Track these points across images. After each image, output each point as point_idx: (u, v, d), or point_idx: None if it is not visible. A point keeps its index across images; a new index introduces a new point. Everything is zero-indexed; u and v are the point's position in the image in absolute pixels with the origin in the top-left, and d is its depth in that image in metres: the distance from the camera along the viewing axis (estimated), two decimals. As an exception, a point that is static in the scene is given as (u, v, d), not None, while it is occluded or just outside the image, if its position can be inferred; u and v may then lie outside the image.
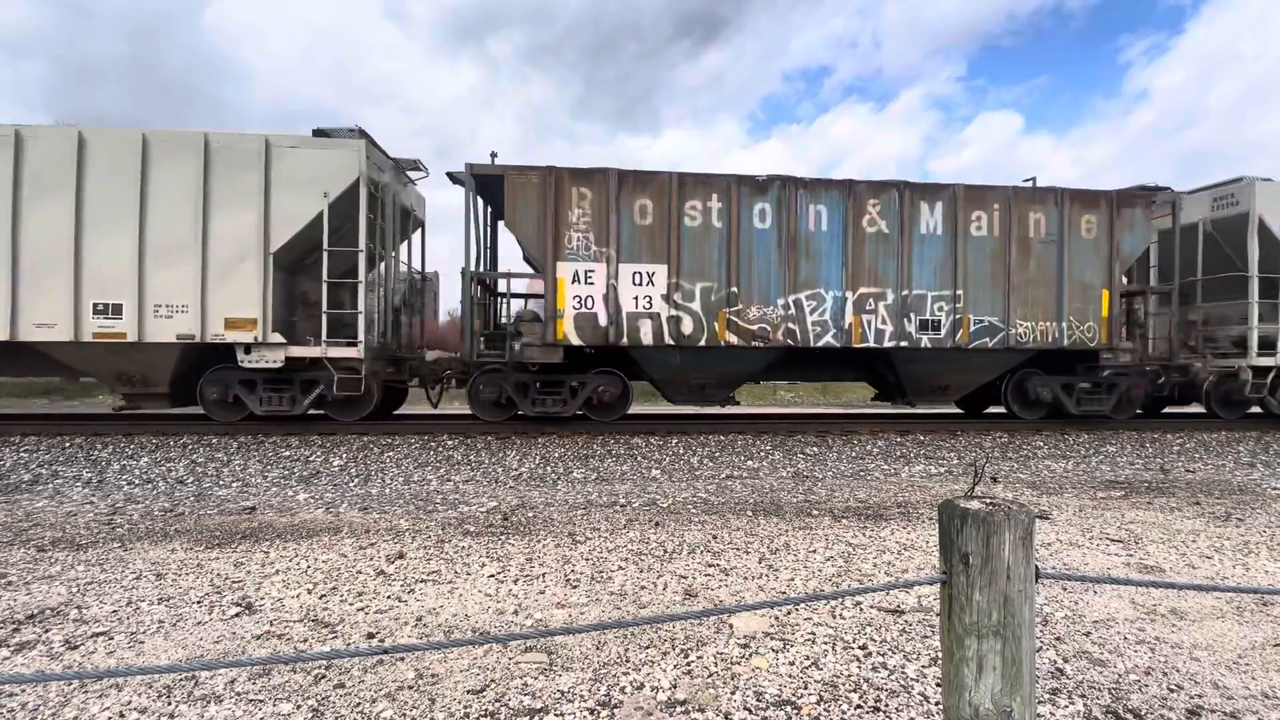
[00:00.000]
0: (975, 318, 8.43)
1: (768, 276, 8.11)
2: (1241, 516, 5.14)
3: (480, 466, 7.02)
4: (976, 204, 8.39)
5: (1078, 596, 3.32)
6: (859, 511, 5.21)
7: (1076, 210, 8.58)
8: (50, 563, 3.83)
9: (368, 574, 3.61)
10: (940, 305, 8.36)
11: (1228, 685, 2.44)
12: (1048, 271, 8.53)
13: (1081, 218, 8.60)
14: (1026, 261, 8.50)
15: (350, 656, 2.01)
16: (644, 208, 7.89)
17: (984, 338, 8.43)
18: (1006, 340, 8.43)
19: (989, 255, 8.43)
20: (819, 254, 8.19)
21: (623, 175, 7.84)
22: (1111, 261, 8.61)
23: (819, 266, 8.19)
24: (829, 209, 8.18)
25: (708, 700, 2.26)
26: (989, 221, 8.43)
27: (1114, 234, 8.60)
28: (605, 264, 7.83)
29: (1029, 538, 1.39)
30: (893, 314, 8.26)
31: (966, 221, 8.38)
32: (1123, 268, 8.73)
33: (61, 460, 6.86)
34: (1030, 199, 8.50)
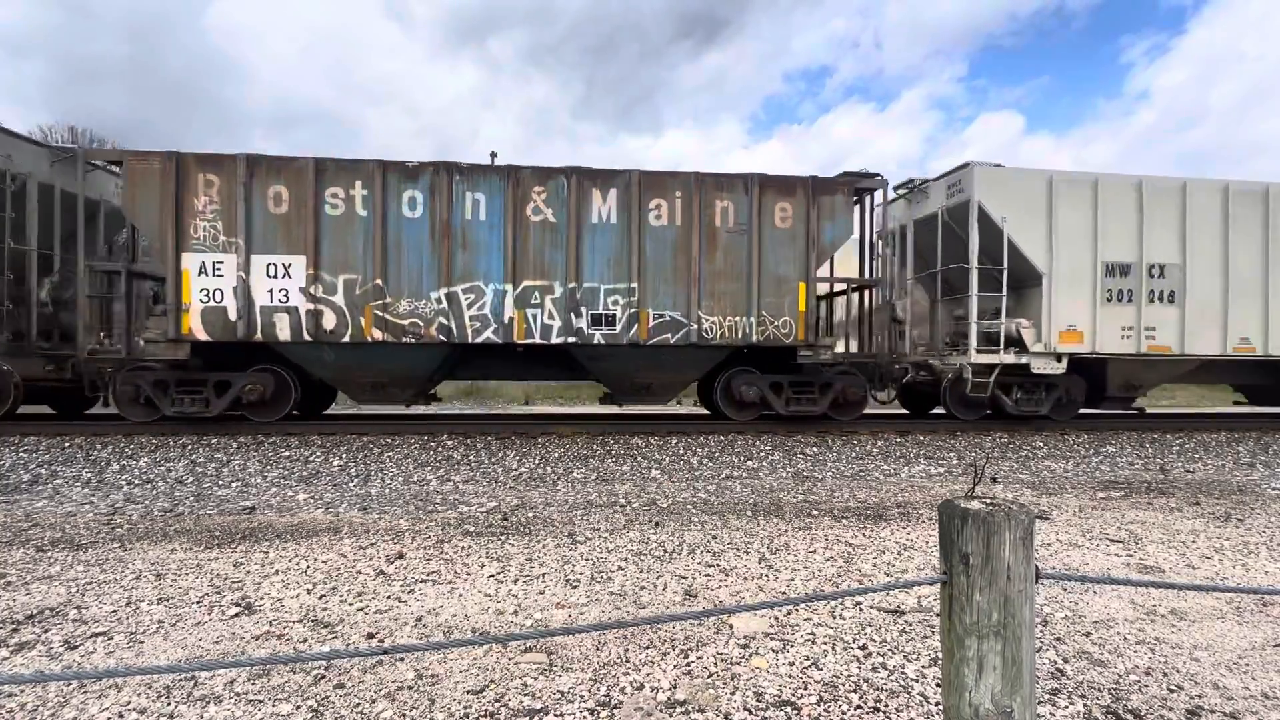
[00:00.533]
0: (655, 312, 7.92)
1: (420, 269, 7.61)
2: (1241, 517, 5.14)
3: (480, 466, 7.02)
4: (655, 191, 7.88)
5: (1078, 597, 3.32)
6: (859, 512, 5.21)
7: (770, 198, 8.05)
8: (50, 563, 3.83)
9: (367, 574, 3.60)
10: (615, 299, 7.86)
11: (1228, 686, 2.44)
12: (738, 263, 8.02)
13: (775, 206, 8.06)
14: (714, 252, 8.00)
15: (350, 657, 2.01)
16: (279, 195, 7.39)
17: (665, 334, 7.93)
18: (690, 336, 7.93)
19: (670, 246, 7.91)
20: (478, 245, 7.68)
21: (253, 161, 7.37)
22: (809, 253, 8.10)
23: (478, 258, 7.69)
24: (489, 197, 7.67)
25: (708, 701, 2.26)
26: (670, 210, 7.92)
27: (811, 223, 8.09)
28: (235, 255, 7.34)
29: (1029, 538, 1.39)
30: (561, 308, 7.76)
31: (644, 210, 7.85)
32: (821, 259, 8.21)
33: (61, 460, 6.86)
34: (717, 186, 7.99)
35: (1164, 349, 8.73)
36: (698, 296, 7.96)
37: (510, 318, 7.73)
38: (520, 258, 7.74)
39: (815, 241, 8.14)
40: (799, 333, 8.13)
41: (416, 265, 7.64)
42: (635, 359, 8.13)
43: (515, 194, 7.69)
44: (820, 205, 8.15)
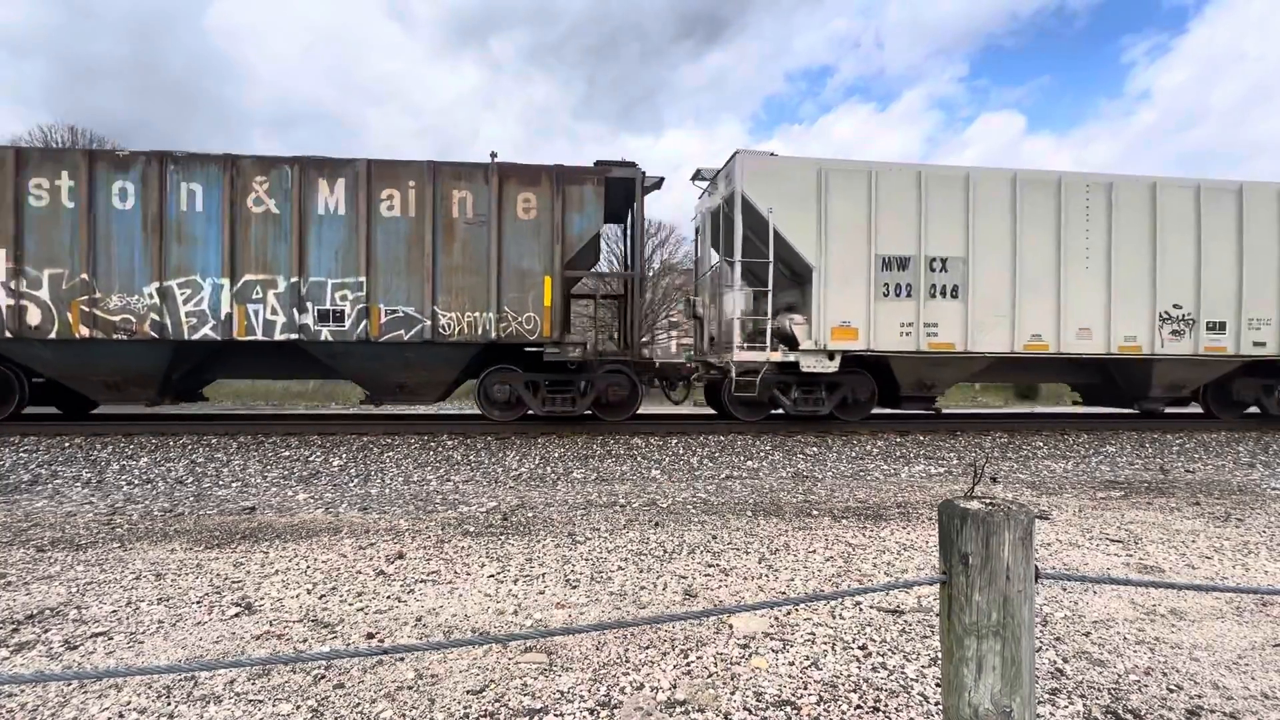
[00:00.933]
0: (387, 308, 7.59)
1: (131, 263, 7.25)
2: (1241, 517, 5.15)
3: (480, 466, 7.02)
4: (388, 181, 7.58)
5: (1077, 597, 3.32)
6: (859, 511, 5.21)
7: (512, 188, 7.73)
8: (50, 563, 3.83)
9: (367, 574, 3.60)
10: (344, 294, 7.53)
11: (1227, 685, 2.44)
12: (478, 257, 7.69)
13: (519, 196, 7.74)
14: (451, 245, 7.67)
15: (350, 657, 2.01)
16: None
17: (399, 330, 7.60)
18: (424, 333, 7.61)
19: (404, 238, 7.61)
20: (194, 238, 7.32)
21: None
22: (554, 245, 7.77)
23: (194, 251, 7.32)
24: (205, 187, 7.31)
25: (708, 700, 2.26)
26: (403, 200, 7.60)
27: (556, 214, 7.75)
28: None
29: (1028, 538, 1.39)
30: (285, 304, 7.43)
31: (376, 201, 7.56)
32: (568, 251, 7.85)
33: (61, 460, 6.86)
34: (455, 175, 7.68)
35: (947, 346, 8.25)
36: (433, 291, 7.63)
37: (229, 313, 7.38)
38: (240, 251, 7.40)
39: (561, 233, 7.79)
40: (544, 329, 7.79)
41: (128, 259, 7.29)
42: (385, 357, 7.82)
43: (235, 185, 7.36)
44: (567, 196, 7.82)
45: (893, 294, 8.16)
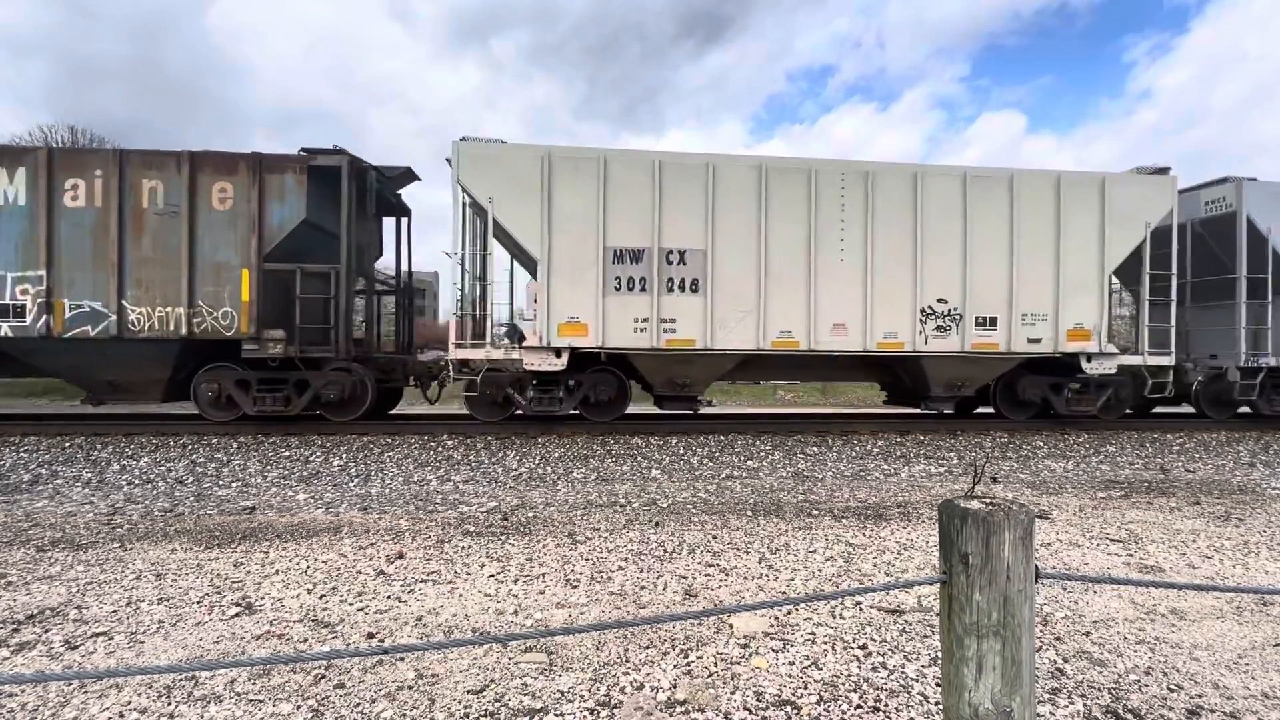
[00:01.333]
0: (72, 303, 7.26)
1: None
2: (1241, 516, 5.14)
3: (480, 466, 7.02)
4: (73, 170, 7.26)
5: (1078, 596, 3.32)
6: (859, 511, 5.21)
7: (207, 177, 7.40)
8: (50, 563, 3.83)
9: (367, 574, 3.60)
10: (24, 288, 7.22)
11: (1228, 685, 2.44)
12: (170, 249, 7.35)
13: (214, 185, 7.41)
14: (141, 237, 7.32)
15: (350, 656, 2.01)
16: None
17: (84, 325, 7.28)
18: (110, 329, 7.29)
19: (90, 230, 7.26)
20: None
21: None
22: (251, 237, 7.46)
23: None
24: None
25: (708, 700, 2.26)
26: (89, 190, 7.25)
27: (253, 205, 7.44)
28: None
29: (1029, 538, 1.39)
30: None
31: (60, 190, 7.23)
32: (267, 244, 7.52)
33: (61, 460, 6.86)
34: (146, 164, 7.35)
35: (686, 342, 7.80)
36: (120, 285, 7.31)
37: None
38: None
39: (259, 224, 7.48)
40: (242, 325, 7.50)
41: None
42: (76, 354, 7.55)
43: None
44: (266, 185, 7.50)
45: (625, 288, 7.72)
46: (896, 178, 8.11)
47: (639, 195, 7.74)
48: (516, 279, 9.60)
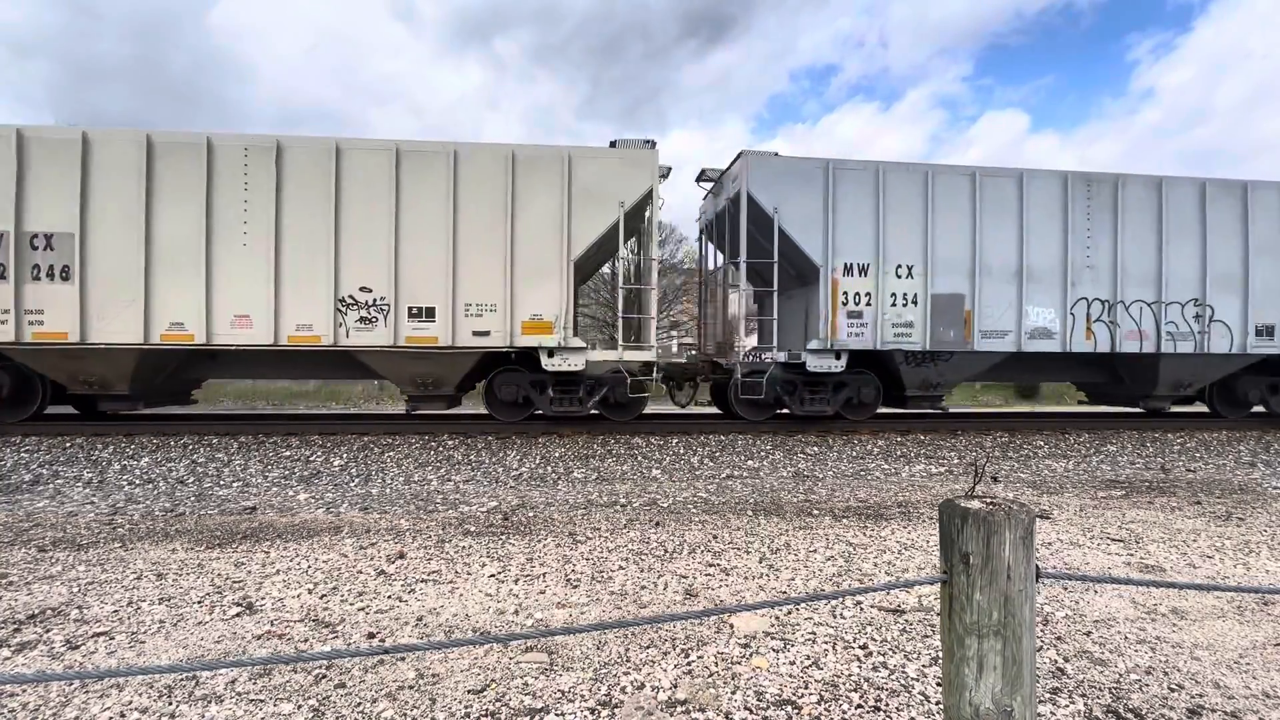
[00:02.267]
0: None
1: None
2: (1242, 516, 5.14)
3: (480, 466, 7.02)
4: None
5: (1078, 596, 3.32)
6: (859, 511, 5.21)
7: None
8: (51, 563, 3.83)
9: (368, 574, 3.61)
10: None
11: (1229, 685, 2.44)
12: None
13: None
14: None
15: (351, 656, 2.01)
16: None
17: None
18: None
19: None
20: None
21: None
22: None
23: None
24: None
25: (708, 700, 2.26)
26: None
27: None
28: None
29: (1029, 537, 1.39)
30: None
31: None
32: None
33: (62, 460, 6.87)
34: None
35: (58, 336, 7.10)
36: None
37: None
38: None
39: None
40: None
41: None
42: None
43: None
44: None
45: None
46: (309, 154, 7.35)
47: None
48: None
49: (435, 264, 7.48)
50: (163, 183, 7.21)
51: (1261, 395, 9.28)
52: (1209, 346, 8.65)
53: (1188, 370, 8.91)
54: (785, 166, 8.05)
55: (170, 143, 7.22)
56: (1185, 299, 8.62)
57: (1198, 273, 8.64)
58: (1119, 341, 8.50)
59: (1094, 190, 8.50)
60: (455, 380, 7.92)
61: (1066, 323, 8.42)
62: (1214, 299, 8.69)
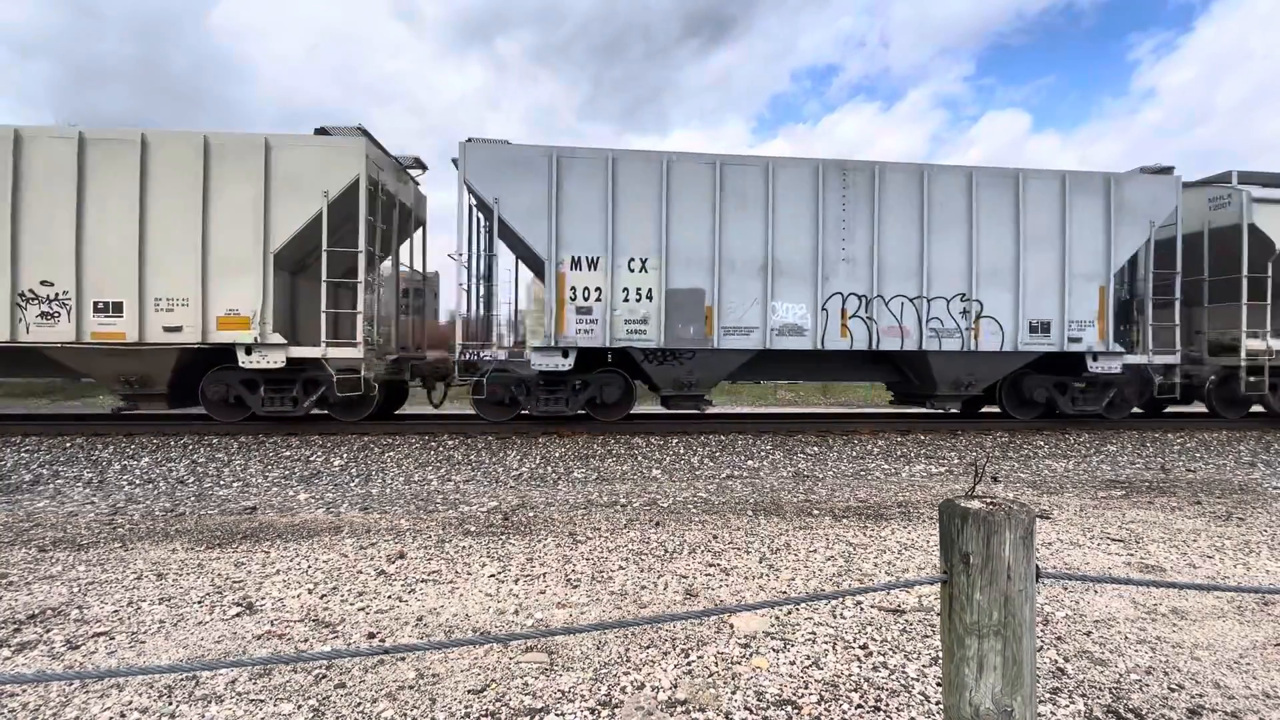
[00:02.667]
0: None
1: None
2: (1242, 516, 5.14)
3: (480, 466, 7.02)
4: None
5: (1078, 596, 3.32)
6: (860, 511, 5.20)
7: None
8: (51, 563, 3.83)
9: (368, 574, 3.61)
10: None
11: (1229, 685, 2.44)
12: None
13: None
14: None
15: (351, 656, 2.01)
16: None
17: None
18: None
19: None
20: None
21: None
22: None
23: None
24: None
25: (708, 700, 2.26)
26: None
27: None
28: None
29: (1029, 537, 1.39)
30: None
31: None
32: None
33: (62, 460, 6.87)
34: None
35: None
36: None
37: None
38: None
39: None
40: None
41: None
42: None
43: None
44: None
45: None
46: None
47: None
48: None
49: (123, 257, 7.16)
50: None
51: (1049, 395, 8.88)
52: (978, 344, 8.25)
53: (962, 368, 8.48)
54: (507, 155, 7.63)
55: None
56: (951, 294, 8.21)
57: (965, 266, 8.20)
58: (878, 338, 8.12)
59: (850, 179, 8.06)
60: (163, 378, 7.57)
61: (819, 319, 8.03)
62: (983, 294, 8.26)
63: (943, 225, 8.18)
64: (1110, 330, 8.53)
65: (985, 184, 8.27)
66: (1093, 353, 8.56)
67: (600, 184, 7.69)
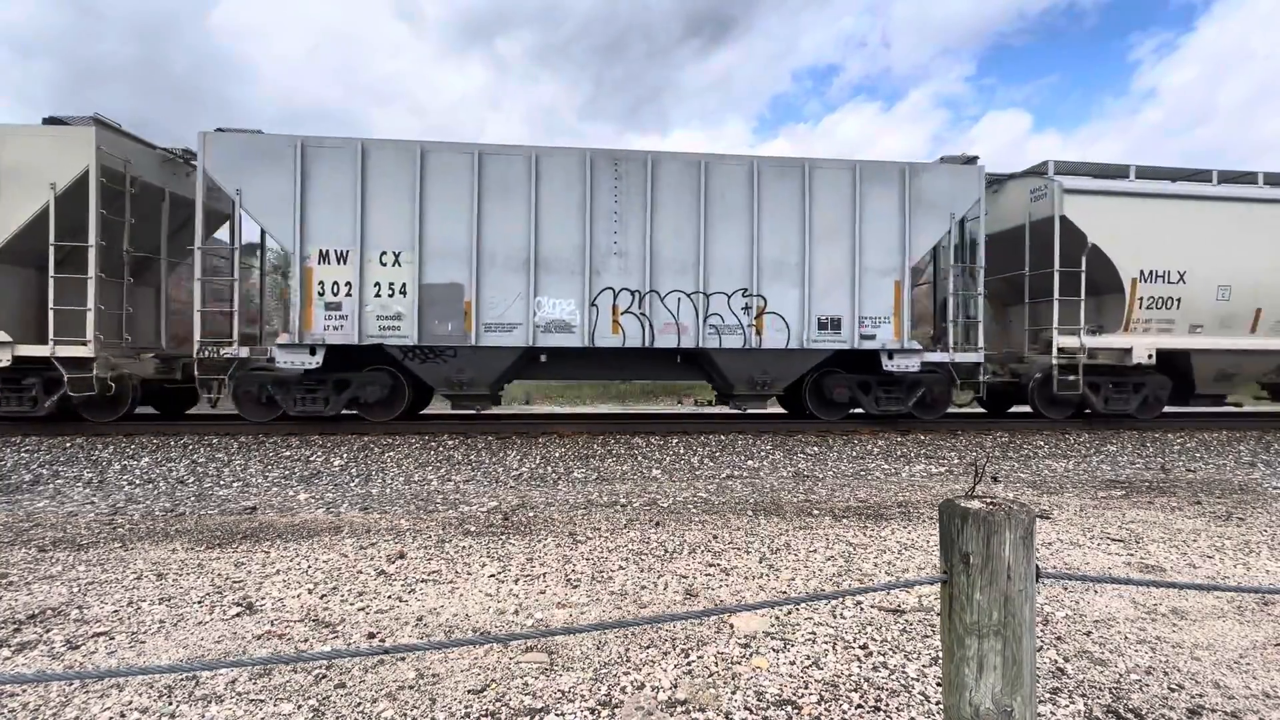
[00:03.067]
0: None
1: None
2: (1242, 516, 5.14)
3: (481, 466, 7.02)
4: None
5: (1078, 596, 3.32)
6: (860, 511, 5.20)
7: None
8: (51, 563, 3.83)
9: (368, 574, 3.61)
10: None
11: (1229, 685, 2.44)
12: None
13: None
14: None
15: (351, 656, 2.01)
16: None
17: None
18: None
19: None
20: None
21: None
22: None
23: None
24: None
25: (708, 700, 2.26)
26: None
27: None
28: None
29: (1029, 537, 1.39)
30: None
31: None
32: None
33: (62, 460, 6.87)
34: None
35: None
36: None
37: None
38: None
39: None
40: None
41: None
42: None
43: None
44: None
45: None
46: None
47: None
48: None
49: None
50: None
51: (851, 395, 8.53)
52: (761, 341, 7.95)
53: (755, 367, 8.17)
54: (250, 144, 7.34)
55: None
56: (733, 289, 7.90)
57: (747, 260, 7.89)
58: (653, 336, 7.80)
59: (623, 169, 7.74)
60: None
61: (589, 315, 7.70)
62: (767, 289, 7.94)
63: (723, 217, 7.87)
64: (906, 327, 8.16)
65: (770, 174, 7.95)
66: (888, 350, 8.21)
67: (350, 175, 7.39)
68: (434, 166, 7.49)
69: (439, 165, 7.51)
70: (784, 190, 7.97)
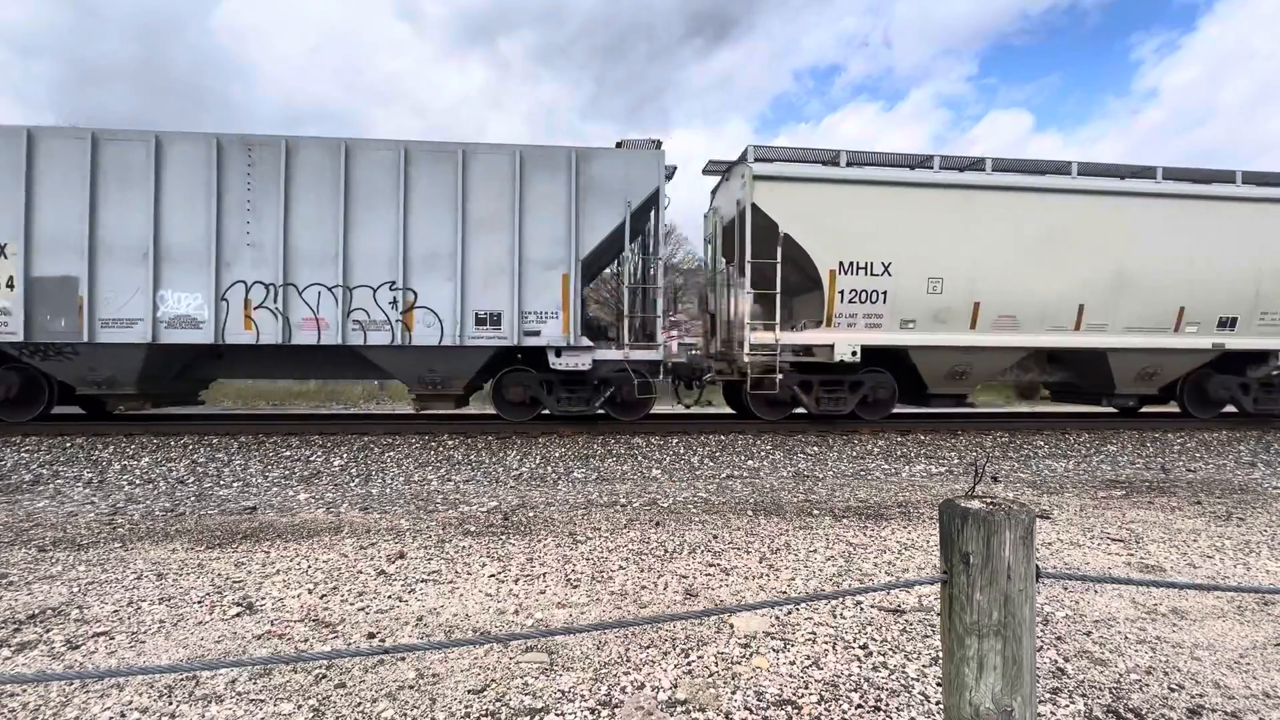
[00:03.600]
0: None
1: None
2: (1242, 516, 5.14)
3: (481, 466, 7.02)
4: None
5: (1078, 596, 3.32)
6: (860, 511, 5.20)
7: None
8: (51, 563, 3.83)
9: (368, 574, 3.61)
10: None
11: (1229, 685, 2.44)
12: None
13: None
14: None
15: (351, 656, 2.01)
16: None
17: None
18: None
19: None
20: None
21: None
22: None
23: None
24: None
25: (708, 700, 2.26)
26: None
27: None
28: None
29: (1029, 537, 1.39)
30: None
31: None
32: None
33: (62, 460, 6.87)
34: None
35: None
36: None
37: None
38: None
39: None
40: None
41: None
42: None
43: None
44: None
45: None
46: None
47: None
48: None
49: None
50: None
51: (532, 394, 8.18)
52: (411, 338, 7.54)
53: (423, 364, 7.78)
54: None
55: None
56: (379, 282, 7.48)
57: (395, 252, 7.46)
58: (290, 332, 7.41)
59: (257, 156, 7.34)
60: None
61: (219, 310, 7.29)
62: (417, 282, 7.50)
63: (369, 207, 7.47)
64: (574, 322, 7.70)
65: (421, 160, 7.51)
66: (554, 348, 7.77)
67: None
68: (43, 154, 7.08)
69: (50, 152, 7.10)
70: (437, 177, 7.54)
